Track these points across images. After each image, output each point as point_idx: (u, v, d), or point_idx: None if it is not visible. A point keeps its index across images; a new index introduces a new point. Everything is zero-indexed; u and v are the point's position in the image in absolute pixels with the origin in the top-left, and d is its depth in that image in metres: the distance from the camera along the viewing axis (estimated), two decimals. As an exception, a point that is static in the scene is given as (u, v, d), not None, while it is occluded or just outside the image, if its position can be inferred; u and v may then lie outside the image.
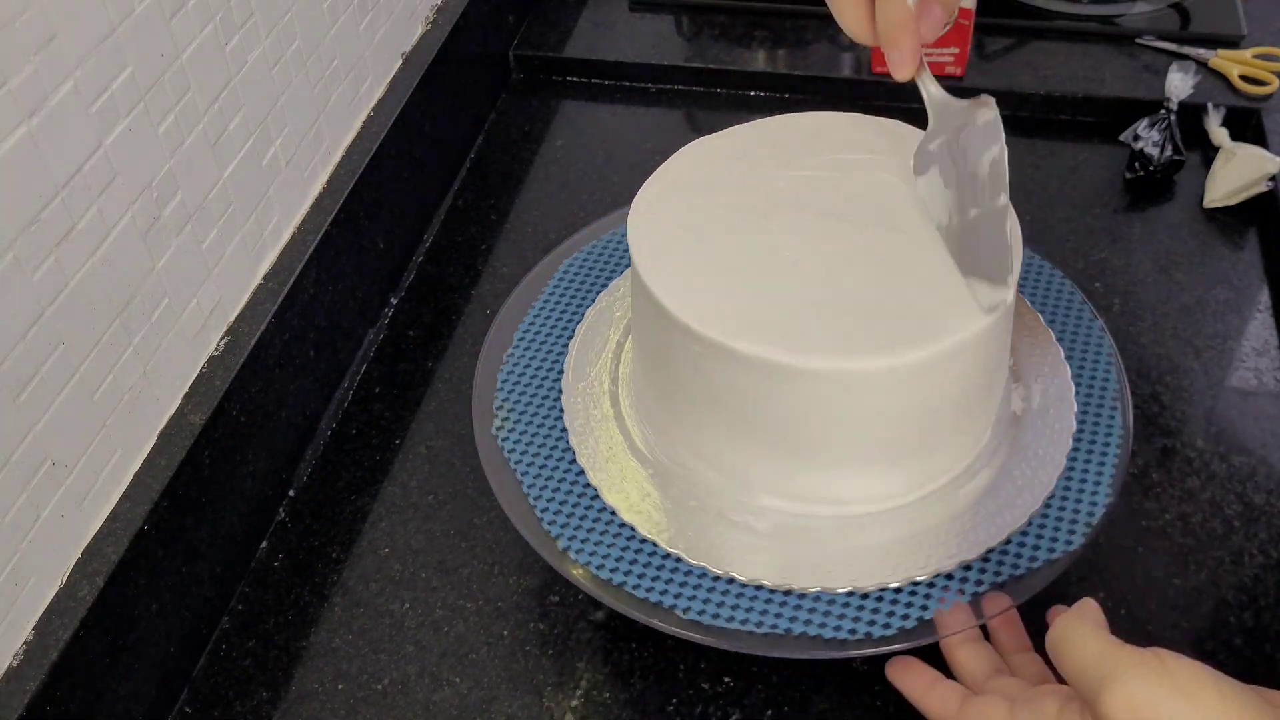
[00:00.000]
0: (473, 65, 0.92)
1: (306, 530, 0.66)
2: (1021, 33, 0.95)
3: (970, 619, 0.51)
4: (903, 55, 0.50)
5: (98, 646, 0.52)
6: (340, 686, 0.58)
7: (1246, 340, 0.72)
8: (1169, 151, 0.81)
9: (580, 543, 0.55)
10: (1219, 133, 0.83)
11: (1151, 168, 0.82)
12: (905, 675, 0.52)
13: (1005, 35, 0.95)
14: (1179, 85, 0.84)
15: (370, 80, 0.78)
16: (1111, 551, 0.61)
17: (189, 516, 0.58)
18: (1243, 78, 0.87)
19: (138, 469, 0.57)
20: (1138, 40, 0.93)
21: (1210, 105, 0.85)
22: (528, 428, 0.60)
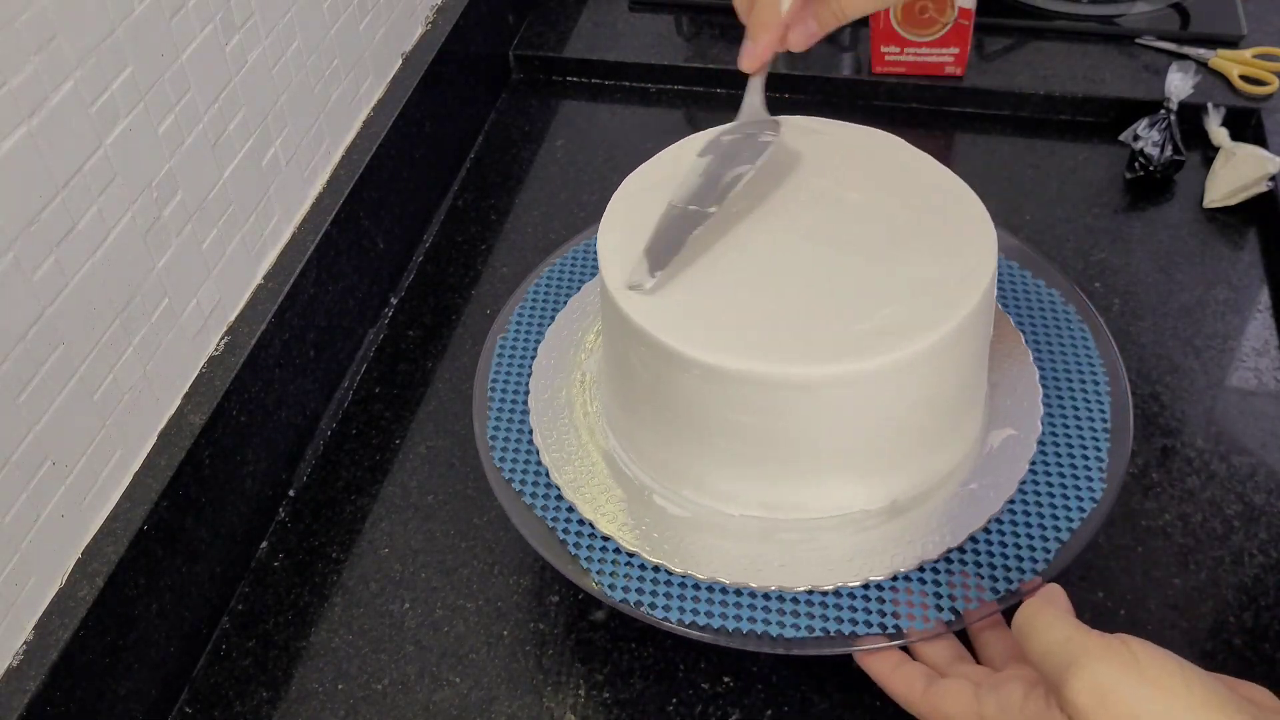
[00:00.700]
0: (473, 65, 0.92)
1: (306, 530, 0.66)
2: (1021, 33, 0.95)
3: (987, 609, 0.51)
4: (755, 49, 0.55)
5: (98, 646, 0.52)
6: (340, 686, 0.58)
7: (1246, 340, 0.72)
8: (1169, 151, 0.81)
9: (576, 544, 0.55)
10: (1219, 133, 0.83)
11: (1151, 168, 0.82)
12: (871, 656, 0.52)
13: (1005, 35, 0.95)
14: (1179, 85, 0.84)
15: (370, 80, 0.78)
16: (1111, 551, 0.61)
17: (189, 516, 0.58)
18: (1243, 78, 0.87)
19: (138, 469, 0.57)
20: (1138, 40, 0.93)
21: (1210, 105, 0.85)
22: (519, 435, 0.60)
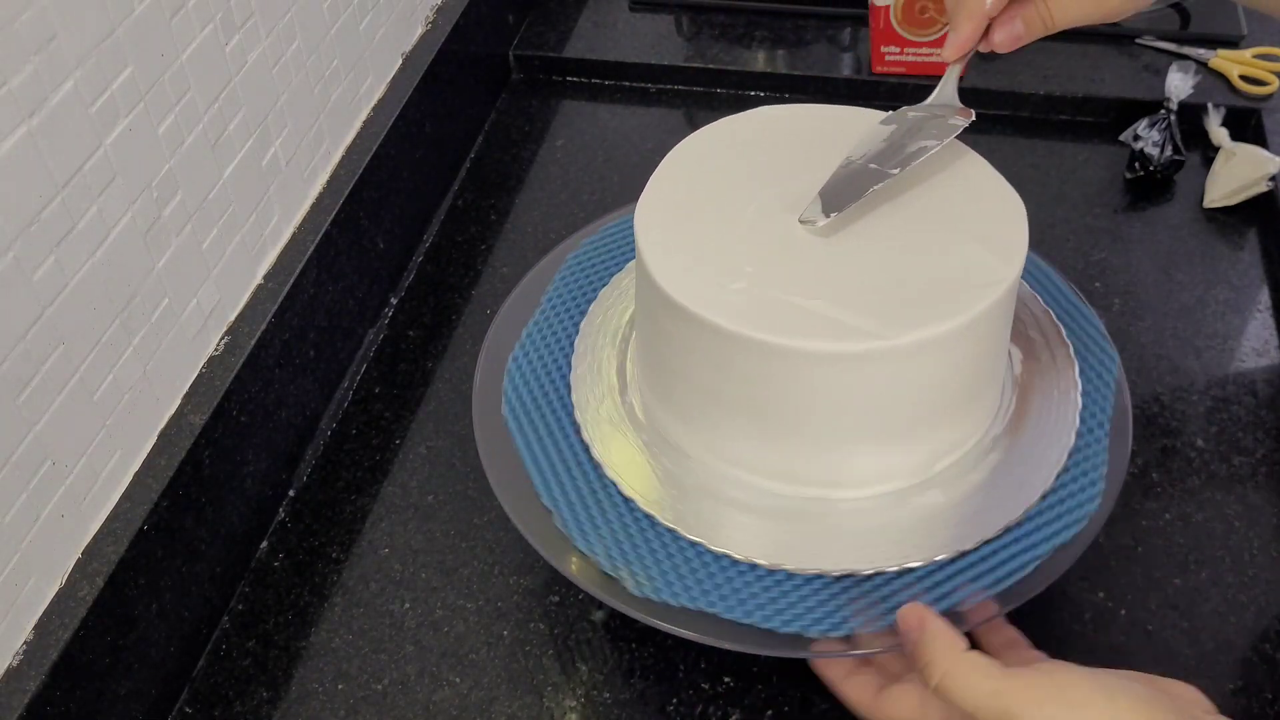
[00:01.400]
0: (473, 65, 0.92)
1: (306, 530, 0.66)
2: (1021, 33, 0.95)
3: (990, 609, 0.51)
4: (957, 39, 0.55)
5: (98, 646, 0.52)
6: (340, 686, 0.58)
7: (1246, 340, 0.72)
8: (1169, 151, 0.81)
9: (581, 530, 0.54)
10: (1219, 133, 0.83)
11: (1151, 168, 0.82)
12: (824, 664, 0.52)
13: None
14: (1179, 85, 0.84)
15: (370, 80, 0.78)
16: (1111, 551, 0.61)
17: (189, 516, 0.58)
18: (1243, 78, 0.87)
19: (138, 469, 0.57)
20: (1138, 40, 0.93)
21: (1210, 105, 0.85)
22: (534, 416, 0.60)
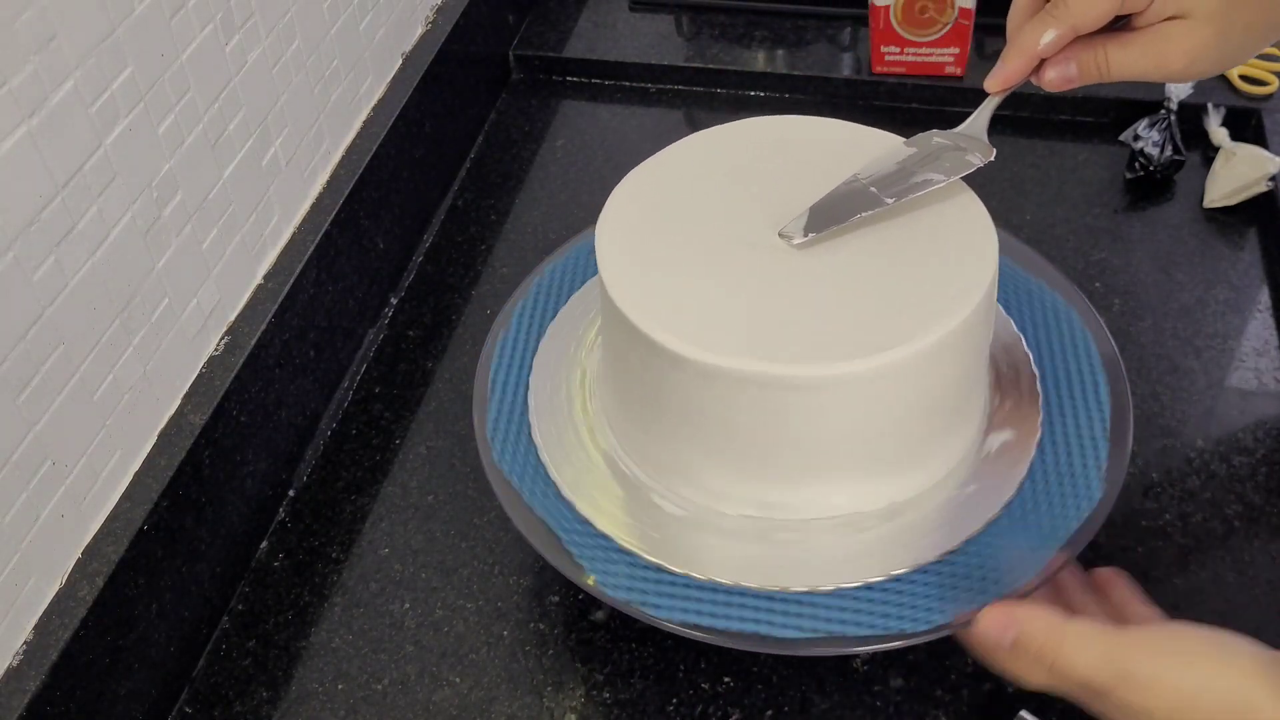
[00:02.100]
0: (473, 65, 0.92)
1: (306, 530, 0.66)
2: (1021, 33, 0.95)
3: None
4: (1002, 70, 0.54)
5: (98, 646, 0.52)
6: (340, 686, 0.58)
7: (1246, 340, 0.72)
8: (1169, 151, 0.81)
9: (577, 543, 0.54)
10: (1219, 133, 0.83)
11: (1151, 168, 0.82)
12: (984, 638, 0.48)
13: (1005, 35, 0.95)
14: (1179, 85, 0.84)
15: (370, 80, 0.78)
16: (1111, 551, 0.61)
17: (189, 516, 0.58)
18: (1243, 78, 0.87)
19: (138, 469, 0.57)
20: (1138, 40, 0.93)
21: (1210, 105, 0.85)
22: (518, 432, 0.60)
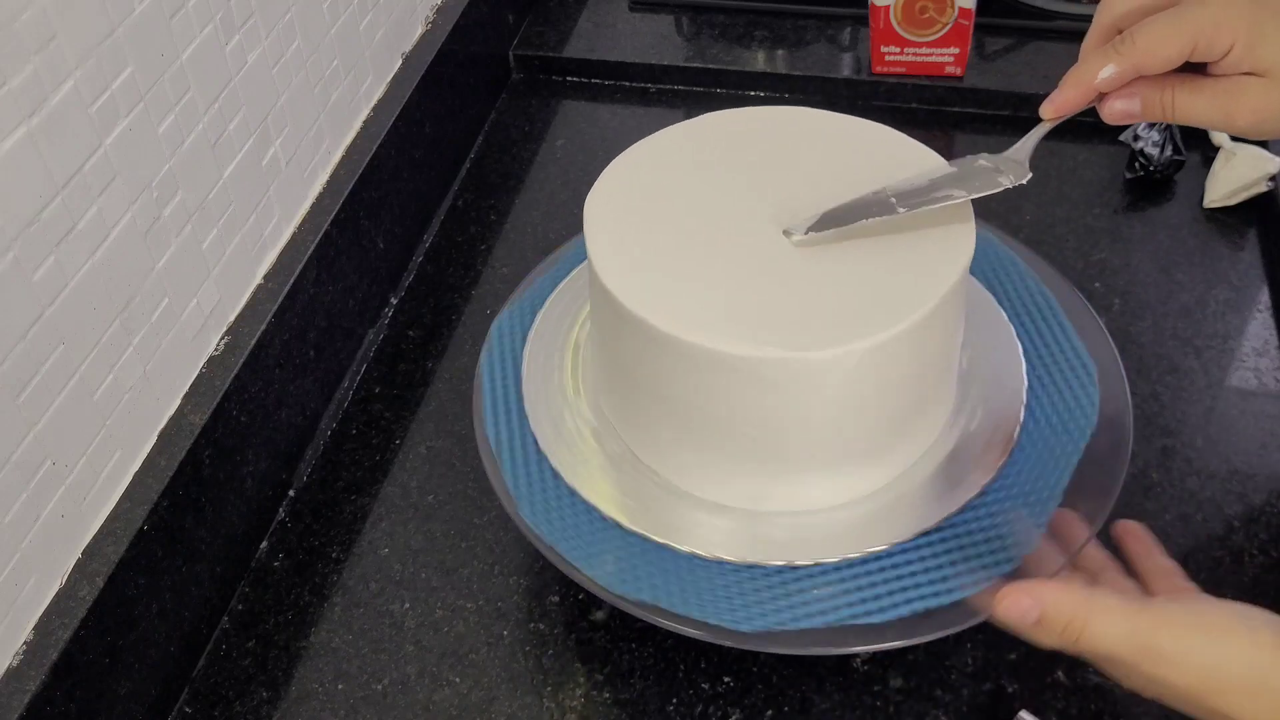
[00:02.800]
0: (473, 65, 0.92)
1: (306, 530, 0.66)
2: (1021, 33, 0.95)
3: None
4: (1057, 98, 0.52)
5: (98, 646, 0.52)
6: (340, 686, 0.58)
7: (1246, 340, 0.72)
8: (1169, 151, 0.81)
9: (570, 541, 0.54)
10: (1219, 133, 0.83)
11: (1151, 168, 0.82)
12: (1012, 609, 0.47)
13: (1005, 35, 0.95)
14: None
15: (370, 80, 0.78)
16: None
17: (189, 516, 0.58)
18: (1243, 78, 0.87)
19: (138, 469, 0.57)
20: (1138, 40, 0.93)
21: (1210, 105, 0.85)
22: (519, 432, 0.60)
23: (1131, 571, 0.52)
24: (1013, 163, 0.55)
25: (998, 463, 0.55)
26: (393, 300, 0.79)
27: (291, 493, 0.68)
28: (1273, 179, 0.79)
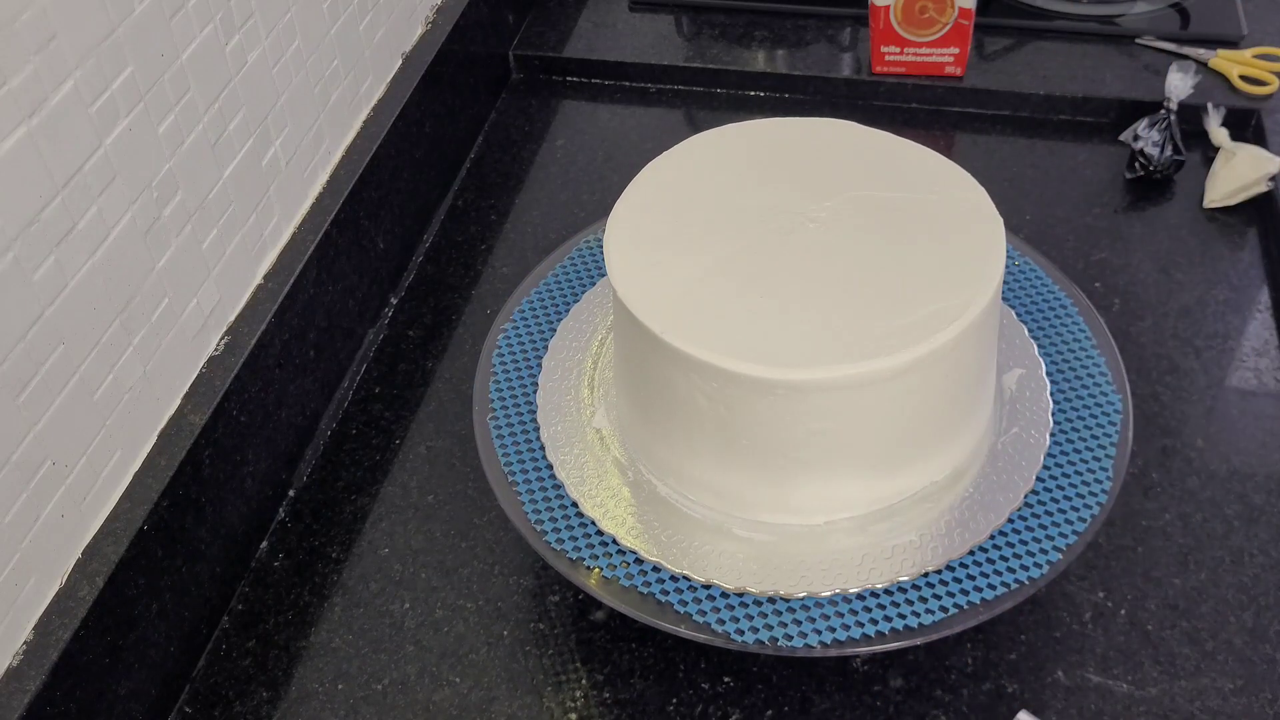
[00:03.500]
0: (473, 65, 0.92)
1: (306, 530, 0.66)
2: (1021, 33, 0.95)
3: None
4: None
5: (98, 646, 0.52)
6: (340, 686, 0.58)
7: (1246, 340, 0.72)
8: (1169, 151, 0.81)
9: (572, 541, 0.55)
10: (1219, 133, 0.83)
11: (1151, 168, 0.82)
12: None
13: (1005, 35, 0.95)
14: (1179, 85, 0.84)
15: (370, 80, 0.78)
16: (1111, 551, 0.61)
17: (189, 516, 0.58)
18: (1243, 78, 0.87)
19: (138, 469, 0.57)
20: (1138, 40, 0.93)
21: (1210, 105, 0.85)
22: (519, 432, 0.60)
23: None
24: None
25: (1022, 490, 0.56)
26: (393, 300, 0.79)
27: (291, 493, 0.68)
28: (1273, 179, 0.79)
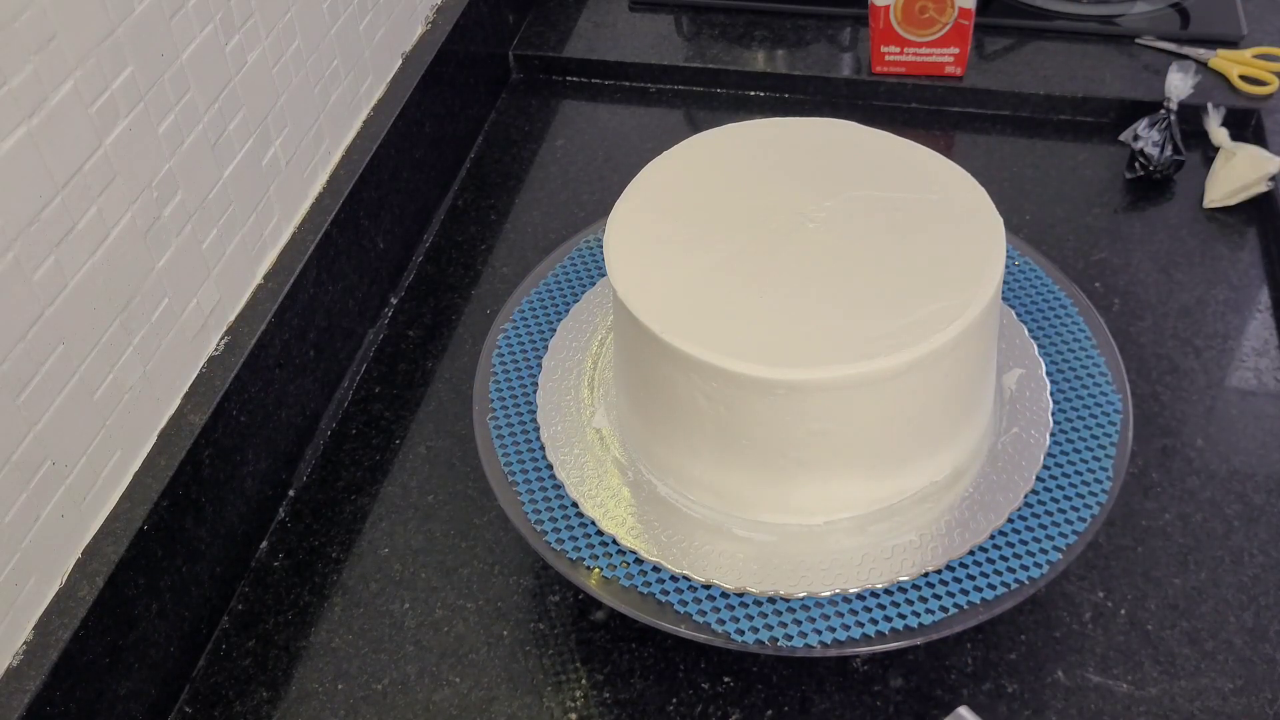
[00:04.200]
0: (473, 65, 0.92)
1: (306, 530, 0.66)
2: (1021, 33, 0.95)
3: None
4: None
5: (98, 646, 0.52)
6: (340, 686, 0.58)
7: (1246, 340, 0.72)
8: (1169, 151, 0.81)
9: (572, 541, 0.55)
10: (1219, 133, 0.83)
11: (1151, 168, 0.82)
12: None
13: (1005, 35, 0.95)
14: (1179, 85, 0.84)
15: (370, 80, 0.78)
16: (1111, 551, 0.61)
17: (189, 516, 0.58)
18: (1242, 78, 0.87)
19: (138, 469, 0.57)
20: (1138, 40, 0.93)
21: (1210, 105, 0.85)
22: (519, 432, 0.60)
23: None
24: None
25: (1022, 490, 0.56)
26: (393, 300, 0.79)
27: (291, 493, 0.68)
28: (1273, 179, 0.79)
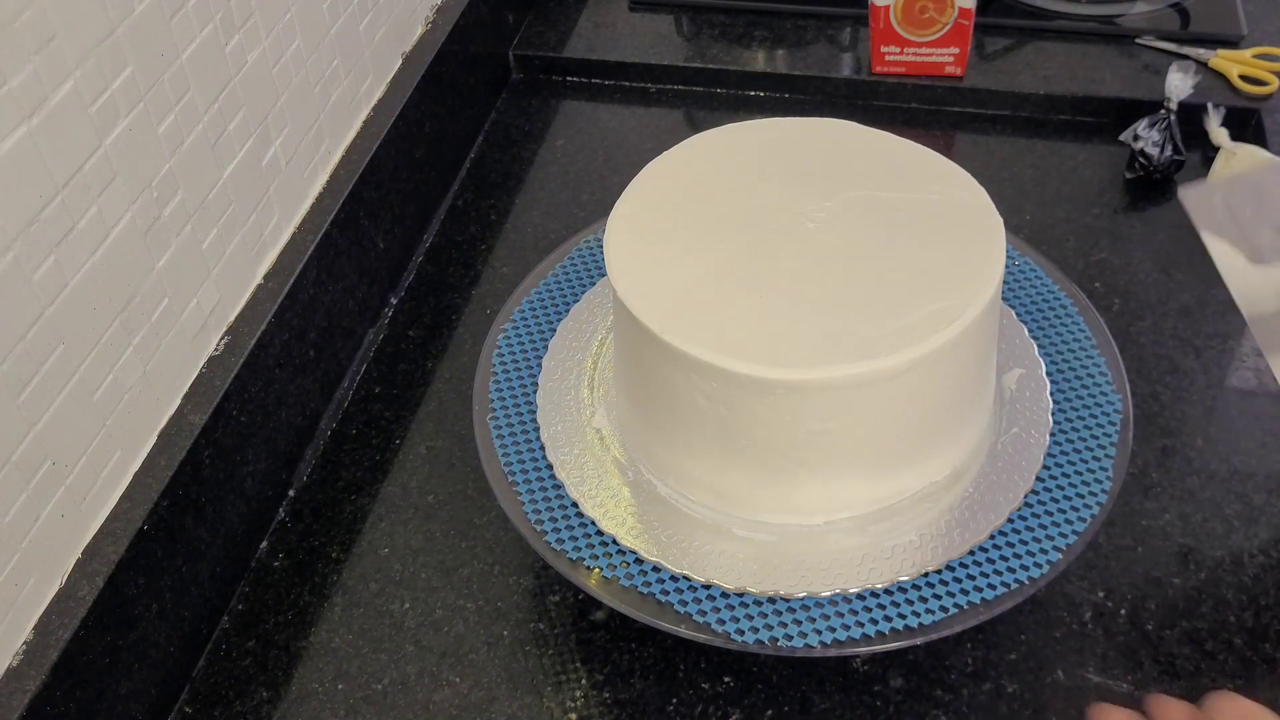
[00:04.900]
0: (473, 65, 0.92)
1: (306, 530, 0.66)
2: (1021, 33, 0.95)
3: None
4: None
5: (98, 646, 0.52)
6: (340, 686, 0.58)
7: (1246, 340, 0.72)
8: (1169, 151, 0.81)
9: (572, 541, 0.55)
10: (1219, 133, 0.83)
11: (1151, 168, 0.82)
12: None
13: (1005, 35, 0.95)
14: (1179, 85, 0.84)
15: (370, 80, 0.78)
16: (1111, 551, 0.61)
17: (189, 516, 0.58)
18: (1243, 78, 0.87)
19: (138, 469, 0.57)
20: (1138, 40, 0.93)
21: (1210, 105, 0.85)
22: (519, 432, 0.60)
23: None
24: None
25: (1022, 490, 0.56)
26: (393, 300, 0.79)
27: (291, 493, 0.68)
28: (1273, 179, 0.79)
